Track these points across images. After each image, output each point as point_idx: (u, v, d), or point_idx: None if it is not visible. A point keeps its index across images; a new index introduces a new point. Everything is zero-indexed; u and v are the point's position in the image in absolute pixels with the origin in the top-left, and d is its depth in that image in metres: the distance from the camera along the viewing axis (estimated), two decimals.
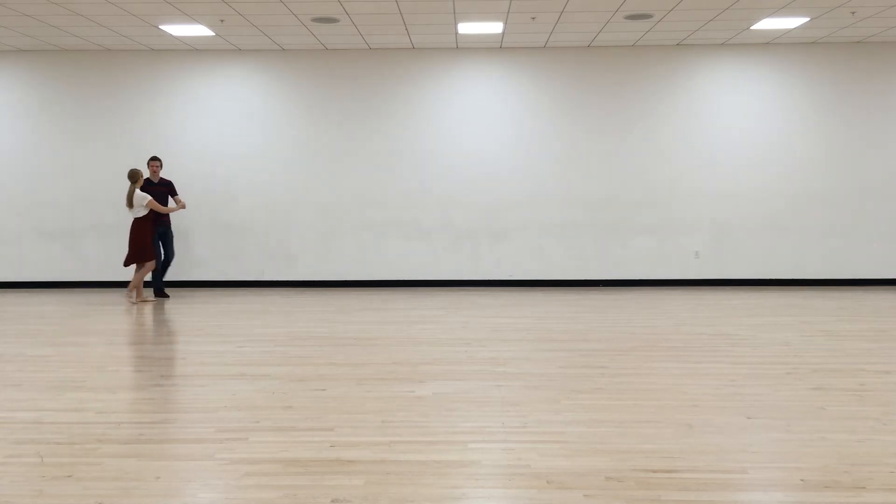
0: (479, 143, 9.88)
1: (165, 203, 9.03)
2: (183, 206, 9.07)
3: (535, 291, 9.54)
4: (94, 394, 4.67)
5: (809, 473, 3.29)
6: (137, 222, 8.57)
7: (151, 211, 8.59)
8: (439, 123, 9.88)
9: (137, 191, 8.50)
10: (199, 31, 8.67)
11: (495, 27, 8.61)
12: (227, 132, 9.91)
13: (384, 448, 3.64)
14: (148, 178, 9.01)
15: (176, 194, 9.21)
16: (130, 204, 8.50)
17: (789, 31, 8.91)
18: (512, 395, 4.59)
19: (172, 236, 9.29)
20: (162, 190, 9.03)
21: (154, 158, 9.12)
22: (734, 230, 9.90)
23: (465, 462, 3.45)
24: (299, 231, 10.01)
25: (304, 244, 10.02)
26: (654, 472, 3.32)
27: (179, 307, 8.39)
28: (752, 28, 8.78)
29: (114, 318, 7.67)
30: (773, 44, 9.65)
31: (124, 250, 9.98)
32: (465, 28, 8.63)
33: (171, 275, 10.08)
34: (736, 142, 9.81)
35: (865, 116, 9.74)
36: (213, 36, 8.95)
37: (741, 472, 3.31)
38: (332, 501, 3.02)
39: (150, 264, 8.67)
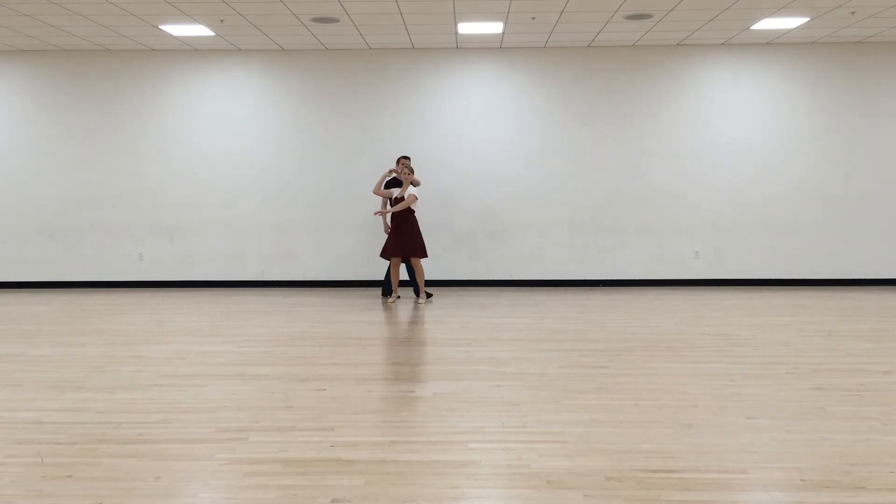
0: (478, 143, 9.88)
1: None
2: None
3: (535, 291, 9.54)
4: (94, 394, 4.67)
5: (809, 473, 3.29)
6: (404, 216, 8.34)
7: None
8: (439, 123, 9.87)
9: (410, 185, 8.36)
10: (199, 31, 8.67)
11: (495, 27, 8.60)
12: (227, 132, 9.91)
13: (384, 448, 3.64)
14: (395, 177, 8.71)
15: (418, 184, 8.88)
16: (379, 188, 8.38)
17: (789, 31, 8.91)
18: (512, 395, 4.59)
19: None
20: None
21: (404, 157, 8.73)
22: (734, 230, 9.89)
23: (464, 462, 3.45)
24: (299, 231, 10.00)
25: (303, 244, 10.01)
26: (654, 472, 3.32)
27: (179, 307, 8.39)
28: (752, 28, 8.78)
29: (114, 318, 7.67)
30: (773, 44, 9.65)
31: (124, 250, 10.02)
32: (465, 28, 8.63)
33: (165, 274, 10.08)
34: (736, 142, 9.80)
35: (865, 116, 9.74)
36: (213, 36, 8.95)
37: (741, 472, 3.31)
38: (332, 501, 3.02)
39: (419, 261, 8.54)
